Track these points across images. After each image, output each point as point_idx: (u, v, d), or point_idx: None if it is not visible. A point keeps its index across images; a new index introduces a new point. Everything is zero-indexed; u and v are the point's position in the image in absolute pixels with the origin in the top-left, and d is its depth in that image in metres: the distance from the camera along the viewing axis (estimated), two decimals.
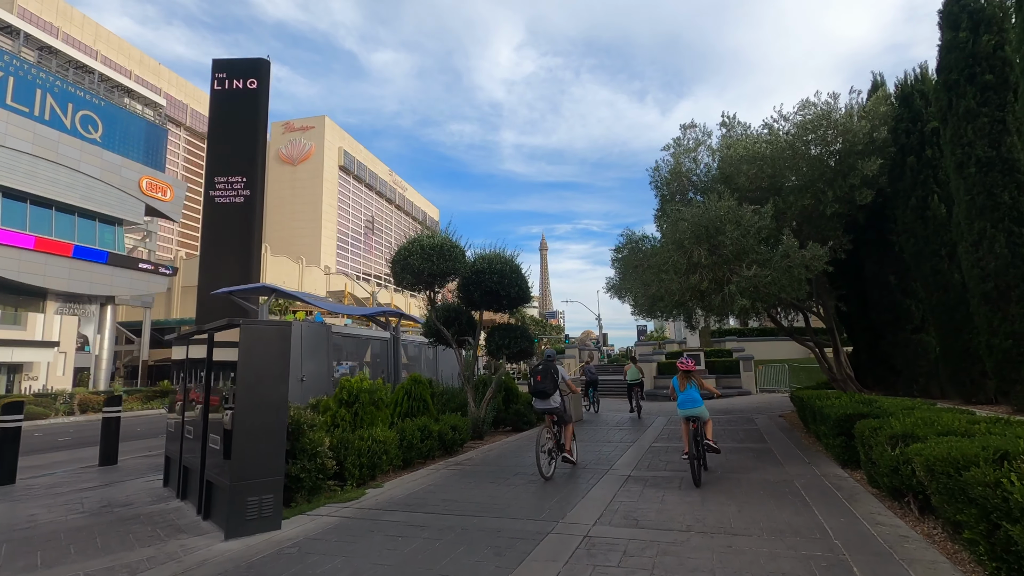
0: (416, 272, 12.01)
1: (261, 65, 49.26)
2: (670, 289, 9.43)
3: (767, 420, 13.96)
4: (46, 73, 43.36)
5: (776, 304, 12.28)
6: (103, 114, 46.22)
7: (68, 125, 42.90)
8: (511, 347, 13.17)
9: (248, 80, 48.63)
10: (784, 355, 29.09)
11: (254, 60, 48.95)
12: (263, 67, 49.36)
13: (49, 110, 42.29)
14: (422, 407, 11.18)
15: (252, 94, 47.48)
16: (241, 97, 46.82)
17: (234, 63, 48.63)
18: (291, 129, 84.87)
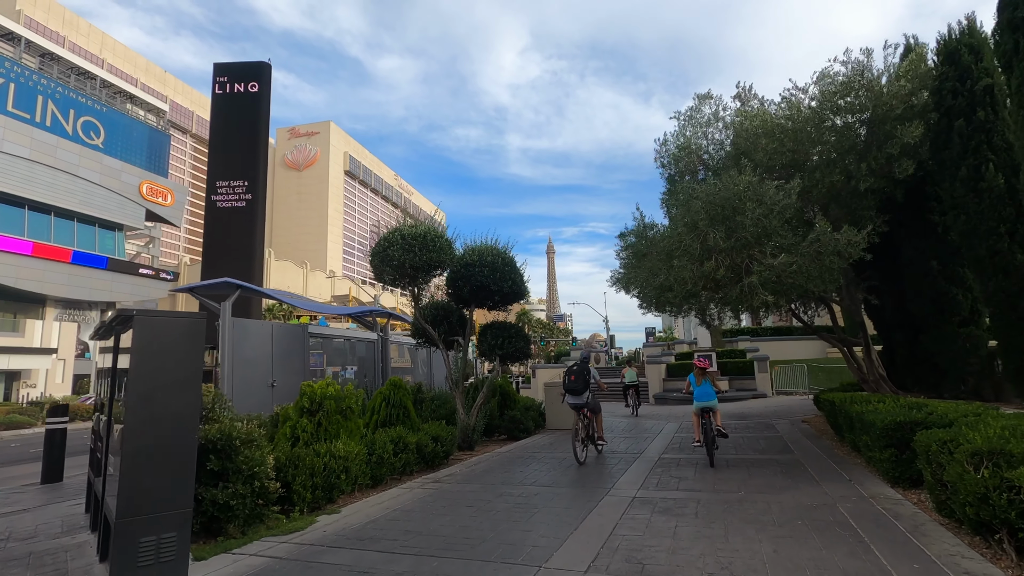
0: (396, 265, 10.74)
1: (262, 68, 48.55)
2: (681, 277, 8.09)
3: (789, 426, 12.50)
4: (47, 79, 42.79)
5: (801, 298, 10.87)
6: (105, 120, 45.62)
7: (70, 131, 42.27)
8: (504, 347, 11.86)
9: (249, 83, 47.91)
10: (800, 355, 27.48)
11: (255, 64, 48.24)
12: (264, 70, 48.65)
13: (51, 116, 41.69)
14: (402, 415, 9.89)
15: (253, 97, 46.77)
16: (242, 101, 46.12)
17: (235, 67, 47.95)
18: (296, 135, 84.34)
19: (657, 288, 9.01)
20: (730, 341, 29.15)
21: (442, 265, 11.18)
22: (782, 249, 7.64)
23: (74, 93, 43.67)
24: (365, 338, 14.34)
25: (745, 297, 8.13)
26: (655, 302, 10.07)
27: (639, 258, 10.38)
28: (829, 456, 8.57)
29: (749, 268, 8.01)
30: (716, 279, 8.19)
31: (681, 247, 8.23)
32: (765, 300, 7.49)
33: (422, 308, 12.45)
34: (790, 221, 8.24)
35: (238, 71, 47.02)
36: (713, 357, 23.57)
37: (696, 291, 8.48)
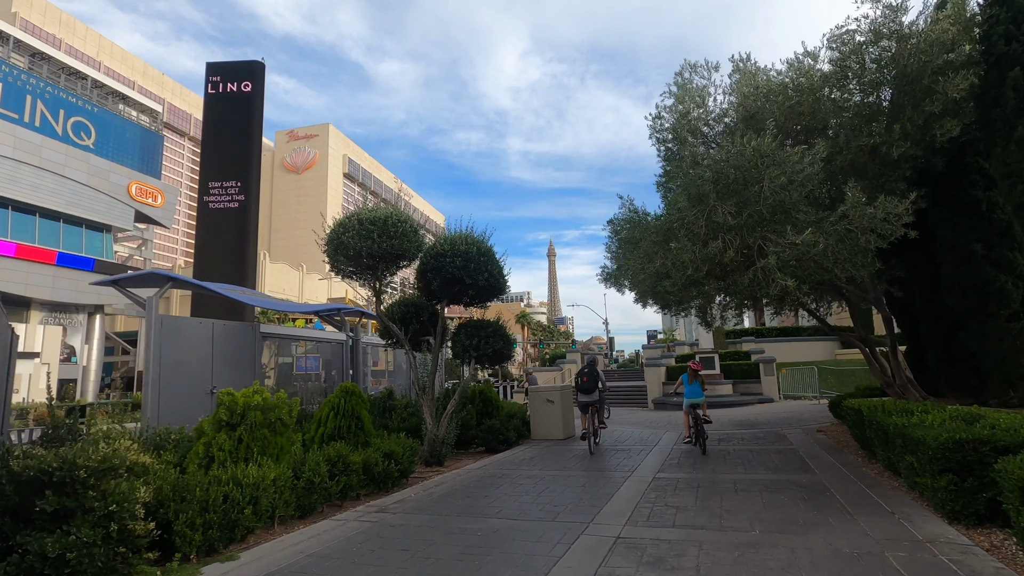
0: (352, 254, 9.28)
1: (256, 68, 47.25)
2: (680, 261, 6.62)
3: (803, 436, 10.95)
4: (36, 79, 41.70)
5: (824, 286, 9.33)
6: (96, 120, 44.49)
7: (60, 131, 41.13)
8: (480, 348, 10.36)
9: (242, 83, 46.60)
10: (807, 356, 25.88)
11: (249, 63, 46.93)
12: (258, 70, 47.34)
13: (40, 116, 40.57)
14: (354, 427, 8.39)
15: (247, 97, 45.40)
16: (235, 100, 44.76)
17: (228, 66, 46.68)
18: (295, 137, 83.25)
19: (652, 276, 7.52)
20: (733, 343, 27.58)
21: (407, 254, 9.70)
22: (807, 225, 6.15)
23: (64, 93, 42.59)
24: (333, 339, 12.87)
25: (758, 285, 6.63)
26: (650, 293, 8.56)
27: (631, 246, 8.88)
28: (858, 477, 7.03)
29: (763, 250, 6.53)
30: (723, 263, 6.70)
31: (682, 224, 6.75)
32: (784, 287, 6.01)
33: (391, 305, 11.02)
34: (811, 195, 6.75)
35: (231, 71, 45.73)
36: (715, 359, 22.04)
37: (698, 278, 6.99)
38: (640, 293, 8.99)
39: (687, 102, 8.25)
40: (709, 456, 9.19)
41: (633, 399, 24.23)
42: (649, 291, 8.39)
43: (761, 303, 12.03)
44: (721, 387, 21.05)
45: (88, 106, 44.37)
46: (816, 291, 10.69)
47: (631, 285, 9.02)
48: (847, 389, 20.44)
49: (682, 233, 6.76)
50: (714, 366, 21.78)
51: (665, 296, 8.33)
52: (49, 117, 41.42)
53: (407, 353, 10.28)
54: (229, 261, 38.58)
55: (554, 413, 12.15)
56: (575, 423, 13.27)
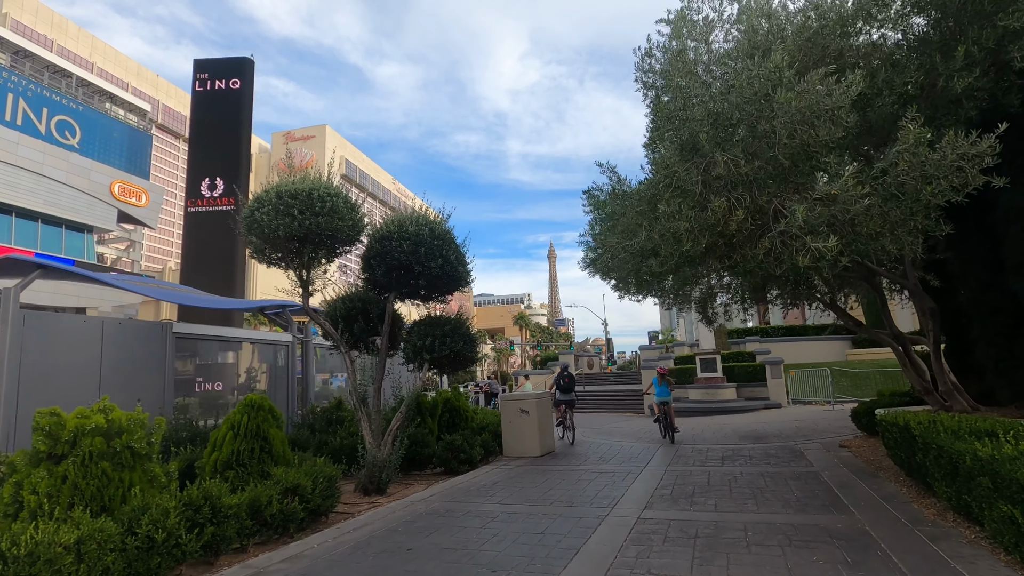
0: (267, 234, 7.44)
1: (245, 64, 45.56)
2: (671, 232, 4.80)
3: (824, 453, 9.03)
4: (18, 76, 40.14)
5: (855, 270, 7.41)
6: (81, 119, 42.89)
7: (43, 130, 39.57)
8: (435, 349, 8.50)
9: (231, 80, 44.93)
10: (815, 357, 23.89)
11: (237, 59, 45.29)
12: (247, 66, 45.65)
13: (22, 115, 38.99)
14: (259, 451, 6.52)
15: (235, 95, 43.70)
16: (224, 98, 43.06)
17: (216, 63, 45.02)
18: (292, 139, 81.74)
19: (635, 254, 5.68)
20: (736, 343, 25.60)
21: (340, 236, 7.85)
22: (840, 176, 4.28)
23: (48, 91, 41.02)
24: (276, 341, 11.01)
25: (776, 259, 4.74)
26: (632, 278, 6.64)
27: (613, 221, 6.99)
28: (912, 521, 5.12)
29: (780, 213, 4.66)
30: (727, 232, 4.85)
31: (671, 184, 4.90)
32: (818, 252, 4.14)
33: (334, 300, 9.19)
34: (844, 141, 4.87)
35: (219, 67, 44.13)
36: (717, 360, 20.10)
37: (695, 254, 5.13)
38: (620, 278, 7.11)
39: (684, 36, 6.36)
40: (711, 483, 7.28)
41: (629, 405, 22.30)
42: (632, 274, 6.49)
43: (768, 294, 10.10)
44: (724, 391, 19.10)
45: (73, 104, 42.78)
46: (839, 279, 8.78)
47: (610, 267, 7.14)
48: (863, 393, 18.45)
49: (672, 194, 4.90)
50: (716, 368, 19.84)
51: (651, 281, 6.43)
52: (31, 115, 39.81)
53: (344, 356, 8.42)
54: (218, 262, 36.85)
55: (529, 426, 10.27)
56: (555, 437, 11.37)
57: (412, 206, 9.70)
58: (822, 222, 4.39)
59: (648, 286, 7.47)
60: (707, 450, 10.08)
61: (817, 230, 4.34)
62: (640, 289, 7.84)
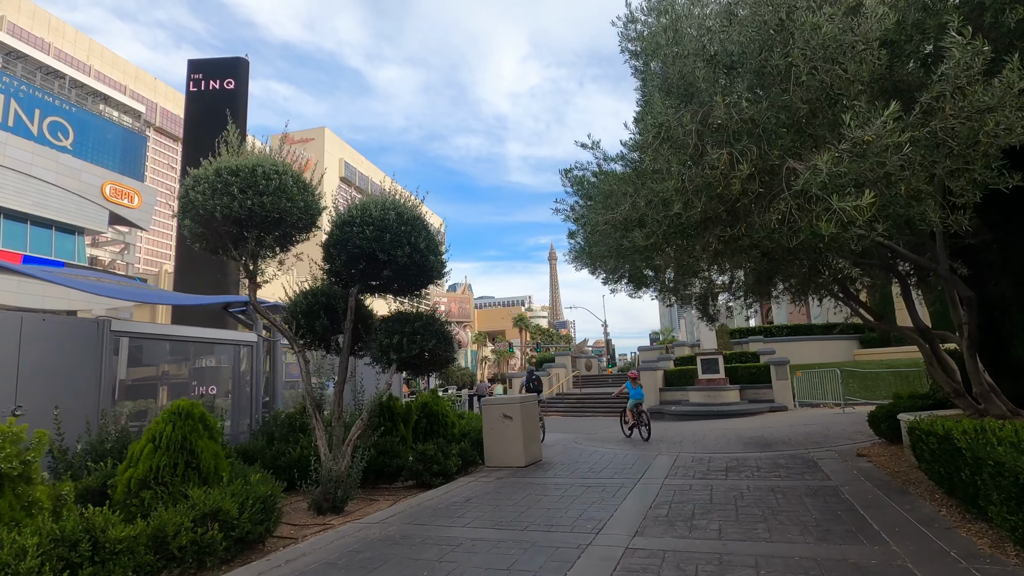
0: (203, 216, 6.47)
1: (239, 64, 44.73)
2: (659, 195, 3.84)
3: (841, 464, 8.00)
4: (10, 77, 39.38)
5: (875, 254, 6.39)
6: (74, 120, 42.14)
7: (35, 131, 38.80)
8: (405, 349, 7.52)
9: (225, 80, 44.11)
10: (821, 357, 22.83)
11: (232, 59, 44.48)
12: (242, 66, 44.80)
13: (13, 116, 38.23)
14: (184, 466, 5.53)
15: (230, 95, 42.80)
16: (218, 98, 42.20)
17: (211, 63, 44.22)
18: (291, 141, 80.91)
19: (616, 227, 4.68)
20: (739, 343, 24.55)
21: (289, 219, 6.87)
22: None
23: (40, 92, 40.29)
24: (237, 341, 10.02)
25: (791, 229, 3.71)
26: (613, 259, 5.59)
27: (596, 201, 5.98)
28: (964, 554, 4.10)
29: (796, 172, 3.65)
30: (729, 195, 3.85)
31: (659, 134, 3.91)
32: (846, 216, 3.17)
33: (296, 295, 8.24)
34: (875, 84, 3.87)
35: (214, 67, 43.33)
36: (719, 361, 19.05)
37: (688, 223, 4.13)
38: (608, 266, 6.09)
39: None
40: (714, 501, 6.26)
41: None
42: (614, 254, 5.45)
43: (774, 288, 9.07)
44: (727, 393, 18.04)
45: (66, 106, 42.02)
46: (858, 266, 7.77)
47: (594, 254, 6.14)
48: (874, 395, 17.37)
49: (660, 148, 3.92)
50: (718, 369, 18.79)
51: (635, 257, 5.36)
52: (23, 117, 39.04)
53: (297, 355, 7.43)
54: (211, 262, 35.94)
55: (513, 433, 9.26)
56: (542, 444, 10.35)
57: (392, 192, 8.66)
58: (850, 179, 3.40)
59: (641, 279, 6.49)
60: (709, 459, 9.06)
61: (844, 188, 3.35)
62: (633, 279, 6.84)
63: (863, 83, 3.55)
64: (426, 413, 10.09)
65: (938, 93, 3.45)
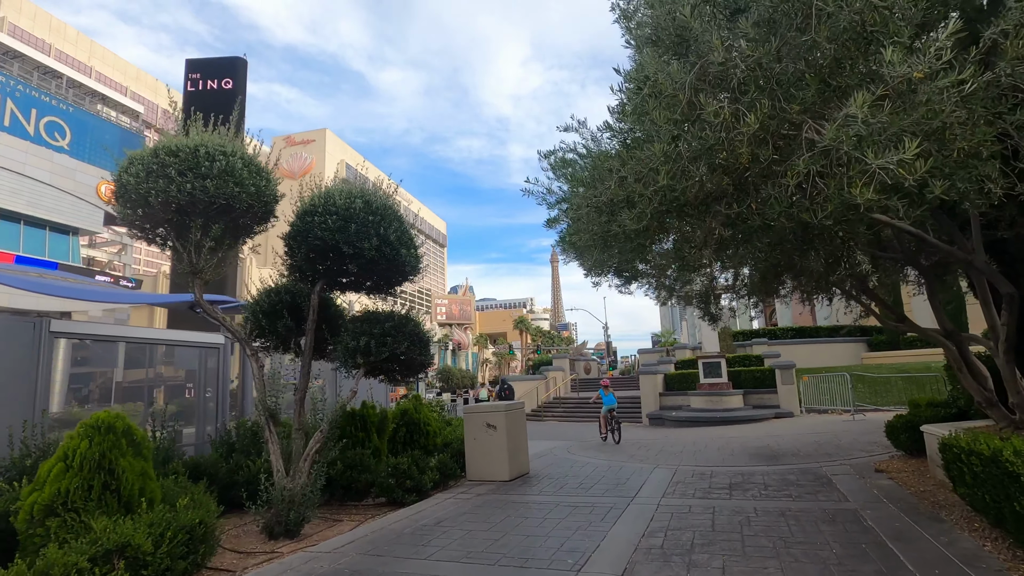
0: (136, 201, 5.71)
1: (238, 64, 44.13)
2: (647, 167, 3.06)
3: (858, 481, 7.15)
4: (6, 76, 38.89)
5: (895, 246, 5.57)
6: (71, 120, 41.60)
7: (31, 131, 38.26)
8: (374, 352, 6.74)
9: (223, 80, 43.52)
10: (828, 361, 21.94)
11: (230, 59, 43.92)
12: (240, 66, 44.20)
13: (9, 116, 37.69)
14: (101, 490, 4.74)
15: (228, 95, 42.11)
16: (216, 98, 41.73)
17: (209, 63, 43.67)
18: (292, 143, 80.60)
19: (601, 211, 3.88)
20: (742, 345, 23.66)
21: (238, 205, 6.08)
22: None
23: (36, 92, 39.77)
24: (201, 343, 9.24)
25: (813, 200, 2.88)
26: (600, 247, 4.74)
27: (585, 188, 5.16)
28: None
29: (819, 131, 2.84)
30: (735, 164, 3.05)
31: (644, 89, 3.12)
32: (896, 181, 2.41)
33: (259, 293, 7.50)
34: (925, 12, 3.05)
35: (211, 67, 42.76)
36: (722, 364, 18.17)
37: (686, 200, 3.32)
38: (584, 250, 5.27)
39: None
40: (716, 528, 5.43)
41: (625, 413, 20.37)
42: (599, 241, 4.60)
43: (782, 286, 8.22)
44: (730, 398, 17.17)
45: (62, 105, 41.49)
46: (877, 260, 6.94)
47: (578, 243, 5.34)
48: (884, 401, 16.49)
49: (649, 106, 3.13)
50: (721, 373, 17.92)
51: (626, 252, 4.53)
52: (20, 116, 38.51)
53: (248, 358, 6.65)
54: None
55: (497, 444, 8.44)
56: (529, 455, 9.53)
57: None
58: (893, 132, 2.61)
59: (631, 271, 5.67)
60: (711, 474, 8.22)
61: (884, 145, 2.55)
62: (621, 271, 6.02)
63: (906, 14, 2.75)
64: (406, 421, 9.29)
65: (1011, 25, 2.64)
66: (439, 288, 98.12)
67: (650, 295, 7.86)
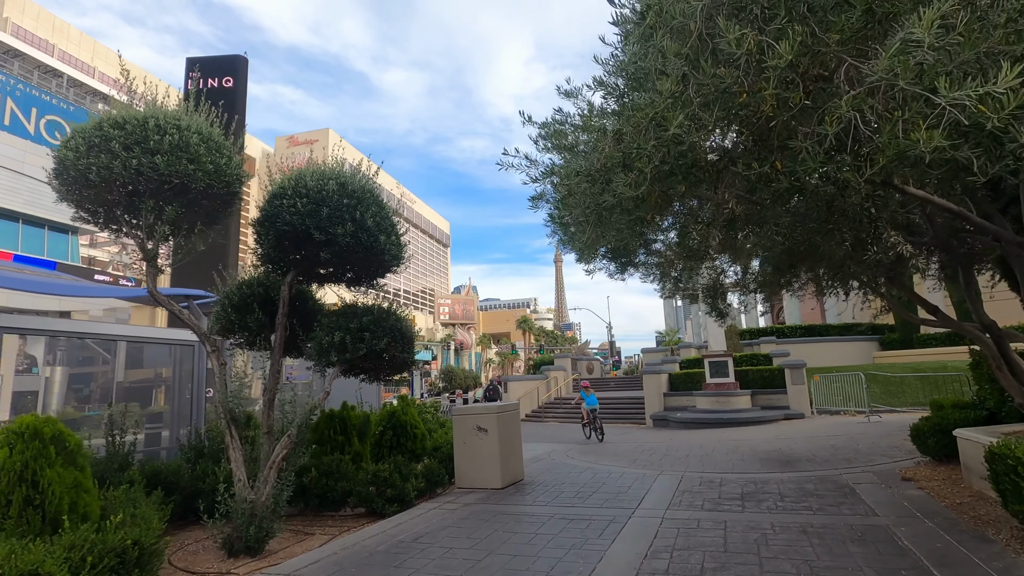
0: (74, 178, 5.10)
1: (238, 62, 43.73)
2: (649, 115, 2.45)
3: (884, 491, 6.46)
4: (6, 75, 38.61)
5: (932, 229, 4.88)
6: (72, 119, 41.15)
7: (31, 131, 37.97)
8: (350, 349, 6.10)
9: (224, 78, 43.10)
10: (838, 360, 21.16)
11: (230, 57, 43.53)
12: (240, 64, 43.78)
13: (9, 115, 37.42)
14: (26, 503, 4.12)
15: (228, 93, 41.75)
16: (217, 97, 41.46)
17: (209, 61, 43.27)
18: (295, 143, 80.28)
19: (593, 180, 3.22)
20: (749, 344, 22.91)
21: (195, 185, 5.45)
22: None
23: (36, 91, 39.53)
24: (171, 340, 8.63)
25: (855, 154, 2.21)
26: (593, 224, 4.04)
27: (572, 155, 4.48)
28: None
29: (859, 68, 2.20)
30: (756, 113, 2.41)
31: (648, 18, 2.48)
32: (972, 117, 1.80)
33: (231, 287, 6.90)
34: None
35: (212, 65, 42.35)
36: (729, 364, 17.45)
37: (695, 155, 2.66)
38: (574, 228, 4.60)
39: None
40: (729, 548, 4.75)
41: (630, 414, 19.70)
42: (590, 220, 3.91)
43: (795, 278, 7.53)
44: (737, 399, 16.44)
45: (63, 104, 41.19)
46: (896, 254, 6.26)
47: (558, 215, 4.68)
48: (898, 402, 15.74)
49: (654, 37, 2.49)
50: (727, 373, 17.19)
51: (620, 228, 3.83)
52: (20, 116, 38.24)
53: (210, 355, 6.03)
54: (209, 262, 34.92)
55: (488, 449, 7.79)
56: (526, 459, 8.88)
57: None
58: (972, 56, 1.96)
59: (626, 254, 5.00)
60: (720, 481, 7.54)
61: (956, 72, 1.90)
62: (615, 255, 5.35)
63: None
64: (393, 424, 8.64)
65: None
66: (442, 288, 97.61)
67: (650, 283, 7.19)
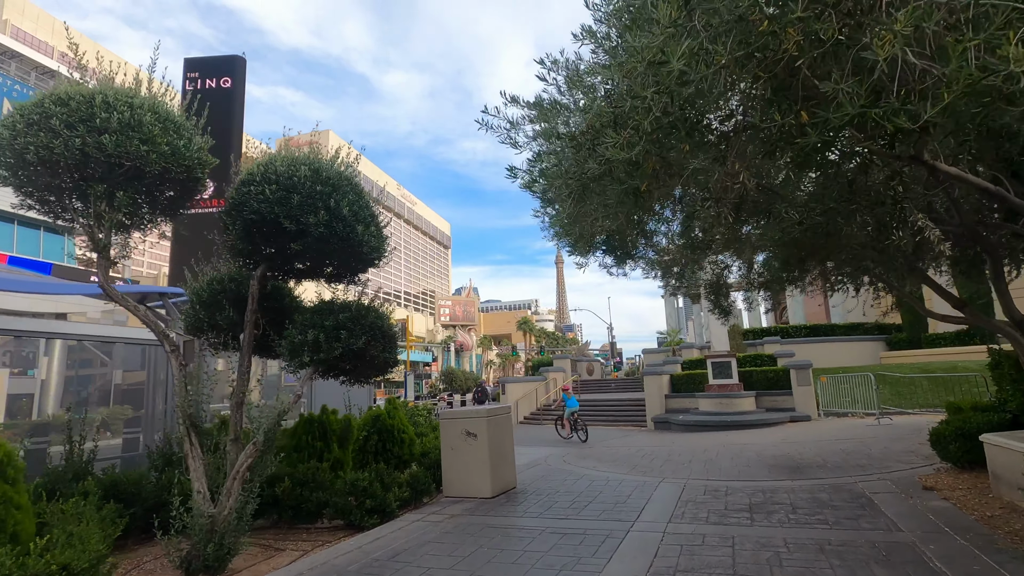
0: (9, 155, 4.64)
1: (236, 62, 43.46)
2: (646, 52, 2.00)
3: (905, 502, 5.93)
4: (2, 76, 38.21)
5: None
6: None
7: None
8: (325, 348, 5.61)
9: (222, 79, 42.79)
10: (844, 360, 20.59)
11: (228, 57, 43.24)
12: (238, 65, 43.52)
13: None
14: None
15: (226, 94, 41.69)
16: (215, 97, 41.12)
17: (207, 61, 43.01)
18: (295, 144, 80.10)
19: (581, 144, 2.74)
20: (753, 344, 22.35)
21: (149, 168, 4.95)
22: None
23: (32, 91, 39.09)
24: (145, 340, 8.15)
25: (905, 93, 1.76)
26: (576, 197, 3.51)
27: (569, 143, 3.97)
28: None
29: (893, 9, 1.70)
30: (779, 52, 1.92)
31: None
32: None
33: (201, 282, 6.43)
34: None
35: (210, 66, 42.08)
36: (733, 364, 16.90)
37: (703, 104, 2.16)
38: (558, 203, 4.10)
39: None
40: (740, 573, 4.23)
41: (630, 416, 19.15)
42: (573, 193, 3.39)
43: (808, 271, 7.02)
44: (741, 401, 15.90)
45: None
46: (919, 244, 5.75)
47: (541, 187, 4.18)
48: (908, 403, 15.17)
49: None
50: (731, 374, 16.65)
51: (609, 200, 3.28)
52: None
53: (169, 355, 5.53)
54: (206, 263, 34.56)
55: (478, 455, 7.28)
56: (519, 465, 8.36)
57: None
58: None
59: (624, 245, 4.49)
60: (726, 490, 7.01)
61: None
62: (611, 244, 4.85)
63: None
64: (378, 428, 8.14)
65: None
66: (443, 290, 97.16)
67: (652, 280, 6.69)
